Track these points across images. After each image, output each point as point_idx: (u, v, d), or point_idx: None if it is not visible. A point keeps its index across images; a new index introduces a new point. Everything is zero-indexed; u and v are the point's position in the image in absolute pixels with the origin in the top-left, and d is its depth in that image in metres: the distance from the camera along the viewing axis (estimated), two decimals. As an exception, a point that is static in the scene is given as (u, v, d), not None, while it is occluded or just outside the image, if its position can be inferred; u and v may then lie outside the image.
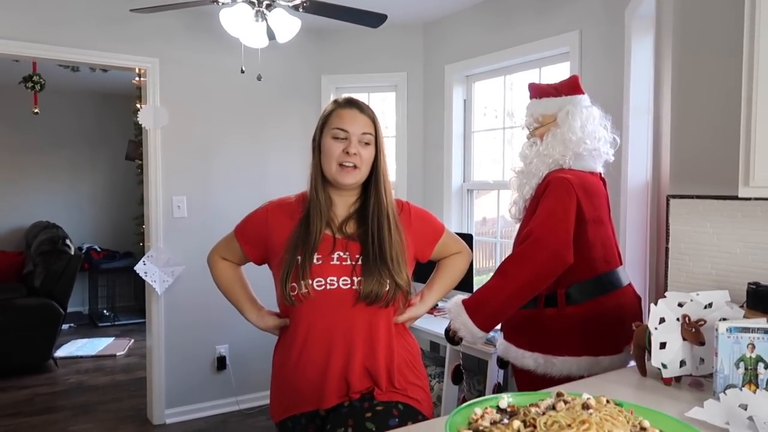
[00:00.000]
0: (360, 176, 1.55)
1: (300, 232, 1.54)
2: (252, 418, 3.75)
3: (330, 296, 1.50)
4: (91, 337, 5.60)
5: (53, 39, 3.21)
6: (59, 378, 4.52)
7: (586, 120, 2.02)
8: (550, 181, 1.96)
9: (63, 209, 6.47)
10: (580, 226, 1.91)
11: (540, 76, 3.26)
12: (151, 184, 3.56)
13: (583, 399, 0.92)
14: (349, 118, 1.55)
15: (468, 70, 3.65)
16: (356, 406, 1.50)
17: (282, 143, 3.94)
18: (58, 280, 4.64)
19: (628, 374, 1.59)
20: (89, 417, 3.76)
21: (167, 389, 3.67)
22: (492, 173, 3.73)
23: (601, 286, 1.97)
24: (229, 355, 3.85)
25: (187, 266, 3.62)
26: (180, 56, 3.58)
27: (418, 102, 3.97)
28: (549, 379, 1.93)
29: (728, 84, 1.58)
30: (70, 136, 6.51)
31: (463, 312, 1.92)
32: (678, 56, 1.81)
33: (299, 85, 4.00)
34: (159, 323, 3.63)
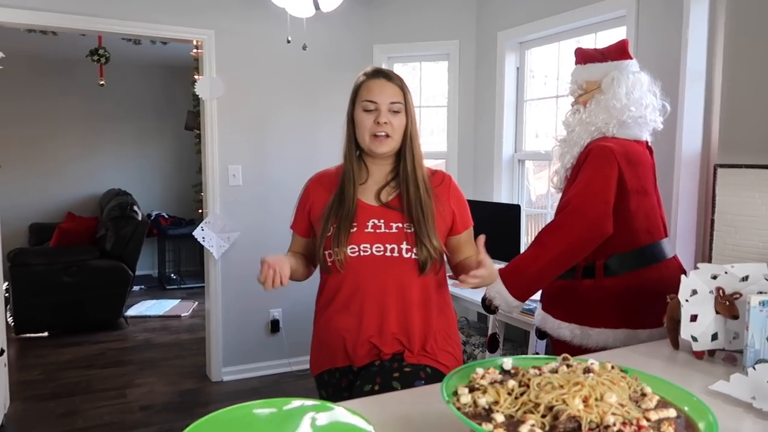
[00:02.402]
0: (393, 144, 1.59)
1: (335, 201, 1.60)
2: (303, 379, 3.90)
3: (364, 262, 1.55)
4: (159, 299, 5.94)
5: (116, 13, 3.36)
6: (129, 335, 4.84)
7: (633, 86, 1.94)
8: (591, 150, 1.90)
9: (133, 177, 6.83)
10: (621, 196, 1.86)
11: (595, 42, 3.14)
12: (208, 154, 3.70)
13: (586, 363, 0.92)
14: (378, 88, 1.58)
15: (521, 36, 3.56)
16: (386, 365, 1.55)
17: (333, 113, 3.98)
18: (126, 243, 4.93)
19: (661, 347, 1.56)
20: (154, 372, 4.02)
21: (224, 349, 3.87)
22: (547, 143, 3.64)
23: (643, 258, 1.91)
24: (282, 318, 4.00)
25: (242, 232, 3.76)
26: (234, 28, 3.66)
27: (470, 70, 3.90)
28: (585, 350, 1.91)
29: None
30: (137, 107, 6.81)
31: (498, 281, 1.92)
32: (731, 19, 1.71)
33: (351, 55, 4.02)
34: (216, 287, 3.81)
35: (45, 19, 3.21)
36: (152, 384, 3.81)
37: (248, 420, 0.87)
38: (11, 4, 3.11)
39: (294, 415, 0.89)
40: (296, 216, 1.74)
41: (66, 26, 3.29)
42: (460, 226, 1.67)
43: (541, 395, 0.80)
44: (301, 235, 1.72)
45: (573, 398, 0.78)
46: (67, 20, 3.24)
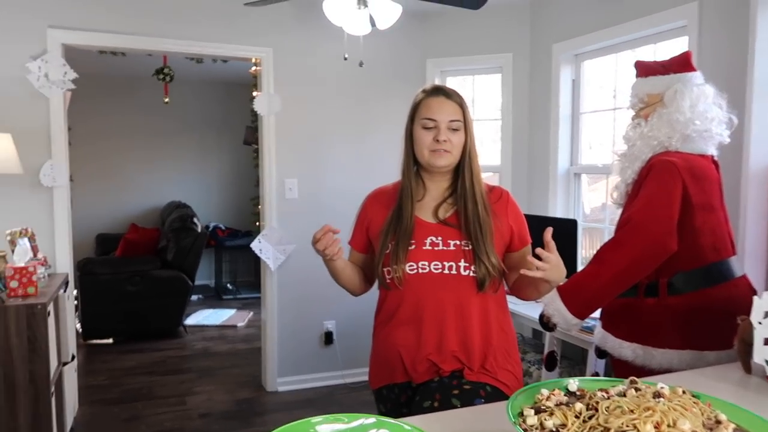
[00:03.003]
0: (452, 159, 1.60)
1: (393, 218, 1.62)
2: (356, 391, 3.92)
3: (422, 280, 1.56)
4: (216, 308, 6.10)
5: (181, 34, 3.51)
6: (188, 343, 4.99)
7: (697, 99, 1.90)
8: (654, 165, 1.86)
9: (192, 190, 7.07)
10: (686, 212, 1.81)
11: (655, 53, 3.06)
12: (266, 168, 3.80)
13: (656, 387, 0.90)
14: (437, 106, 1.59)
15: (577, 48, 3.51)
16: (445, 382, 1.55)
17: (387, 127, 4.03)
18: (186, 254, 5.10)
19: (731, 371, 1.50)
20: (212, 380, 4.13)
21: (279, 360, 3.94)
22: (604, 156, 3.56)
23: (709, 277, 1.85)
24: (336, 330, 4.04)
25: (298, 245, 3.83)
26: (291, 45, 3.77)
27: (523, 83, 3.88)
28: (648, 371, 1.85)
29: None
30: (197, 122, 7.07)
31: (557, 298, 1.90)
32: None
33: (405, 69, 4.06)
34: (272, 298, 3.90)
35: (116, 41, 3.39)
36: (211, 392, 3.91)
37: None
38: (85, 28, 3.29)
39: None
40: (354, 232, 1.76)
41: (135, 47, 3.47)
42: (518, 242, 1.65)
43: (611, 419, 0.79)
44: (359, 251, 1.75)
45: (644, 424, 0.76)
46: (135, 41, 3.42)
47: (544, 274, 1.39)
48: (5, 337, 2.37)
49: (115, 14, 3.36)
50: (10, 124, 3.04)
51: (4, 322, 2.38)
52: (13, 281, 2.48)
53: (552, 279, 1.43)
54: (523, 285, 1.63)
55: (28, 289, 2.51)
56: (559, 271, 1.43)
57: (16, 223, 2.95)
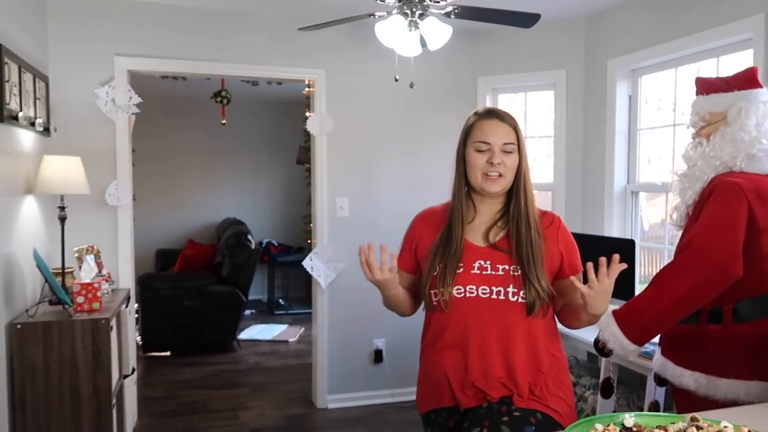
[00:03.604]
0: (506, 183, 1.59)
1: (442, 240, 1.61)
2: (405, 411, 3.89)
3: (469, 304, 1.55)
4: (268, 323, 6.21)
5: (238, 58, 3.64)
6: (241, 358, 5.09)
7: (764, 117, 1.82)
8: (716, 186, 1.79)
9: (247, 207, 7.26)
10: (752, 236, 1.73)
11: (717, 67, 2.95)
12: (318, 186, 3.86)
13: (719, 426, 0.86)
14: (491, 129, 1.58)
15: (634, 63, 3.42)
16: (494, 408, 1.53)
17: (438, 146, 4.02)
18: (241, 270, 5.23)
19: (804, 405, 1.41)
20: (264, 395, 4.19)
21: (329, 376, 3.96)
22: (662, 174, 3.45)
23: (779, 304, 1.75)
24: (386, 348, 4.04)
25: (348, 263, 3.86)
26: (343, 67, 3.83)
27: (578, 100, 3.81)
28: (712, 402, 1.77)
29: None
30: (251, 142, 7.28)
31: (613, 322, 1.84)
32: None
33: (456, 87, 4.06)
34: (323, 315, 3.93)
35: (177, 66, 3.55)
36: (262, 407, 3.97)
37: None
38: (149, 55, 3.46)
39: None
40: (402, 252, 1.76)
41: (194, 72, 3.62)
42: (567, 270, 1.61)
43: (670, 461, 0.75)
44: (408, 272, 1.74)
45: (706, 467, 0.73)
46: (195, 66, 3.56)
47: (588, 292, 1.39)
48: (71, 351, 2.49)
49: (176, 41, 3.51)
50: (80, 147, 3.20)
51: (71, 336, 2.49)
52: (79, 297, 2.60)
53: (592, 305, 1.43)
54: (565, 312, 1.62)
55: (93, 305, 2.62)
56: (602, 302, 1.42)
57: (83, 240, 3.10)
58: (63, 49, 3.30)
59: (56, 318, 2.53)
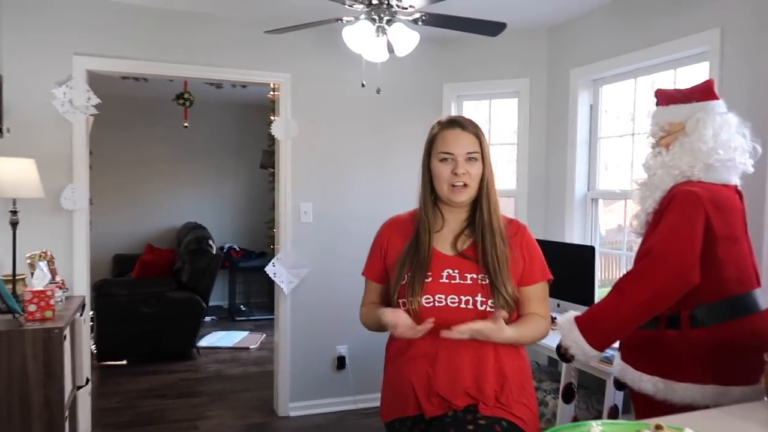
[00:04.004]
0: (471, 192, 1.59)
1: (410, 249, 1.60)
2: (368, 418, 3.87)
3: (438, 313, 1.53)
4: (229, 330, 6.09)
5: (201, 60, 3.57)
6: (201, 366, 4.98)
7: (720, 128, 1.87)
8: (675, 195, 1.83)
9: (208, 211, 7.13)
10: (709, 244, 1.77)
11: (675, 79, 3.04)
12: (281, 191, 3.81)
13: (683, 433, 0.87)
14: (453, 139, 1.58)
15: (595, 73, 3.50)
16: (459, 417, 1.52)
17: (403, 152, 4.03)
18: (201, 276, 5.12)
19: (759, 410, 1.45)
20: (224, 404, 4.10)
21: (291, 384, 3.90)
22: (621, 182, 3.53)
23: (733, 310, 1.80)
24: (349, 355, 4.01)
25: (312, 269, 3.83)
26: (309, 71, 3.80)
27: (540, 108, 3.87)
28: (669, 405, 1.80)
29: None
30: (214, 145, 7.16)
31: (575, 329, 1.86)
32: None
33: (421, 94, 4.08)
34: (285, 321, 3.88)
35: (138, 67, 3.46)
36: (222, 416, 3.88)
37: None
38: (109, 55, 3.36)
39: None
40: (370, 262, 1.74)
41: (156, 73, 3.53)
42: (529, 278, 1.62)
43: (637, 470, 0.76)
44: (376, 281, 1.72)
45: (673, 475, 0.73)
46: (157, 67, 3.48)
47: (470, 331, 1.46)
48: (22, 361, 2.38)
49: (137, 41, 3.42)
50: (35, 149, 3.08)
51: (22, 346, 2.39)
52: (31, 305, 2.49)
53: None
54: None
55: (45, 313, 2.52)
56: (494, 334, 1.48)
57: (36, 246, 2.97)
58: (18, 47, 3.18)
59: (6, 327, 2.42)
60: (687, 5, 2.84)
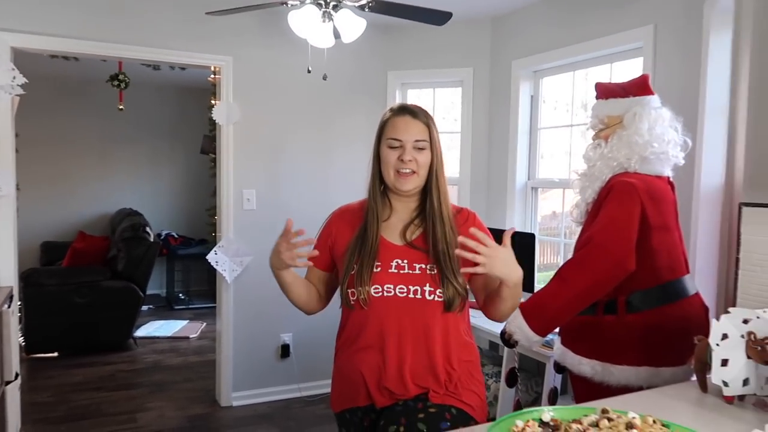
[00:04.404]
0: (419, 181, 1.59)
1: (358, 239, 1.59)
2: (313, 405, 3.87)
3: (386, 303, 1.54)
4: (168, 319, 5.93)
5: (137, 40, 3.41)
6: (138, 356, 4.82)
7: (655, 122, 1.96)
8: (614, 186, 1.91)
9: (144, 197, 6.87)
10: (644, 233, 1.86)
11: (611, 72, 3.16)
12: (223, 177, 3.72)
13: (628, 418, 0.91)
14: (403, 126, 1.58)
15: (536, 65, 3.58)
16: (410, 405, 1.54)
17: (348, 139, 4.01)
18: (138, 264, 4.94)
19: (689, 389, 1.54)
20: (164, 395, 4.00)
21: (234, 373, 3.85)
22: (559, 171, 3.65)
23: (665, 295, 1.90)
24: (293, 343, 3.98)
25: (255, 256, 3.76)
26: (252, 55, 3.71)
27: (483, 98, 3.93)
28: (606, 387, 1.89)
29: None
30: (151, 129, 6.89)
31: (519, 315, 1.92)
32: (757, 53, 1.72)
33: (366, 81, 4.06)
34: (228, 310, 3.81)
35: (68, 45, 3.26)
36: (162, 408, 3.78)
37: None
38: (36, 31, 3.15)
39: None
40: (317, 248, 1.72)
41: (88, 52, 3.35)
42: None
43: (588, 454, 0.79)
44: (320, 268, 1.70)
45: (620, 458, 0.77)
46: (89, 47, 3.29)
47: (484, 268, 1.35)
48: (-57, 358, 2.23)
49: (68, 17, 3.23)
50: (-49, 130, 2.88)
51: (-58, 341, 2.24)
52: (-48, 297, 2.34)
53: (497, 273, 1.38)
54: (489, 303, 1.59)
55: (-32, 306, 2.37)
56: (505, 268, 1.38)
57: (-44, 234, 2.79)
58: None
59: (-76, 321, 2.26)
60: (623, 1, 2.95)
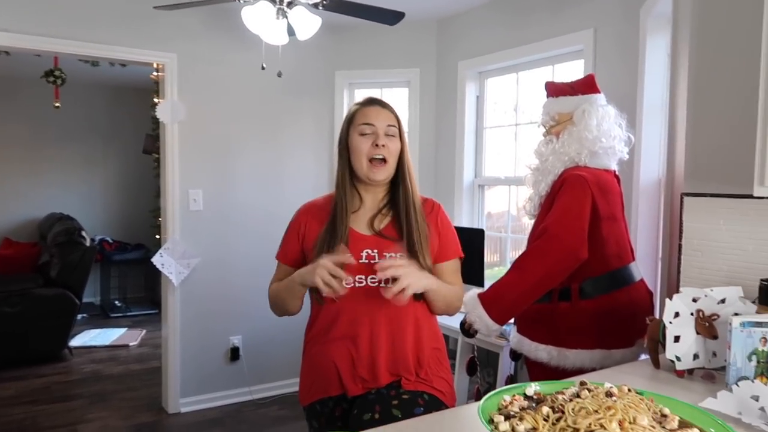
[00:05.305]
0: (390, 170, 1.61)
1: (327, 233, 1.59)
2: (265, 407, 3.82)
3: (358, 293, 1.55)
4: (104, 328, 5.68)
5: (74, 34, 3.26)
6: (74, 367, 4.60)
7: (602, 119, 2.07)
8: (566, 179, 2.00)
9: (76, 201, 6.55)
10: (594, 223, 1.96)
11: (553, 74, 3.30)
12: (168, 178, 3.61)
13: (606, 387, 0.97)
14: (374, 113, 1.61)
15: (481, 66, 3.69)
16: (383, 393, 1.56)
17: (296, 138, 3.99)
18: (73, 270, 4.71)
19: (642, 366, 1.64)
20: (106, 405, 3.84)
21: (182, 379, 3.74)
22: (503, 169, 3.77)
23: (614, 282, 2.01)
24: (243, 345, 3.92)
25: (203, 258, 3.68)
26: (197, 52, 3.63)
27: (430, 98, 4.01)
28: (562, 371, 1.98)
29: (745, 84, 1.62)
30: (84, 129, 6.59)
31: (479, 305, 1.98)
32: (695, 55, 1.85)
33: (313, 80, 4.05)
34: (174, 314, 3.70)
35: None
36: (105, 418, 3.63)
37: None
38: (-38, 22, 2.97)
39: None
40: (285, 246, 1.71)
41: (20, 47, 3.17)
42: (443, 255, 1.68)
43: (579, 420, 0.84)
44: (290, 265, 1.69)
45: (610, 422, 0.82)
46: (21, 40, 3.13)
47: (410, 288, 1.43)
48: None
49: (-2, 8, 3.06)
50: None
51: None
52: None
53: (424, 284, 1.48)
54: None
55: None
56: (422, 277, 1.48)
57: None
58: None
59: None
60: (564, 6, 3.09)
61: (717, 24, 1.77)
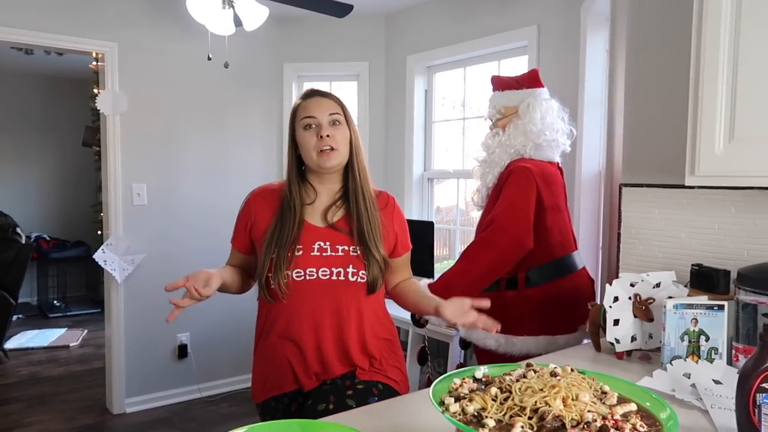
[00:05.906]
0: (341, 157, 1.58)
1: (278, 223, 1.56)
2: (214, 405, 3.76)
3: (310, 287, 1.53)
4: (42, 328, 5.46)
5: (7, 20, 3.11)
6: (10, 370, 4.40)
7: (546, 112, 2.13)
8: (512, 171, 2.06)
9: (9, 197, 6.24)
10: (539, 214, 2.03)
11: (499, 69, 3.37)
12: (110, 172, 3.50)
13: (550, 368, 1.01)
14: (314, 104, 1.59)
15: (429, 61, 3.73)
16: (338, 383, 1.55)
17: (243, 130, 3.94)
18: (8, 269, 4.50)
19: (584, 350, 1.71)
20: (46, 408, 3.69)
21: (127, 378, 3.64)
22: (451, 162, 3.83)
23: (558, 270, 2.09)
24: (191, 342, 3.84)
25: (148, 254, 3.59)
26: (139, 41, 3.52)
27: (379, 92, 4.02)
28: (509, 357, 2.05)
29: (677, 79, 1.71)
30: (16, 121, 6.27)
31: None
32: (631, 52, 1.93)
33: (261, 72, 4.00)
34: (118, 312, 3.59)
35: None
36: (45, 422, 3.49)
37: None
38: None
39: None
40: (237, 232, 1.67)
41: (-53, 32, 3.00)
42: (401, 249, 1.68)
43: (525, 399, 0.87)
44: (242, 252, 1.67)
45: (554, 400, 0.86)
46: (-52, 26, 2.96)
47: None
48: None
49: None
50: None
51: None
52: None
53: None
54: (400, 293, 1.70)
55: None
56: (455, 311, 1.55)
57: None
58: None
59: None
60: (509, 3, 3.16)
61: (651, 22, 1.86)
